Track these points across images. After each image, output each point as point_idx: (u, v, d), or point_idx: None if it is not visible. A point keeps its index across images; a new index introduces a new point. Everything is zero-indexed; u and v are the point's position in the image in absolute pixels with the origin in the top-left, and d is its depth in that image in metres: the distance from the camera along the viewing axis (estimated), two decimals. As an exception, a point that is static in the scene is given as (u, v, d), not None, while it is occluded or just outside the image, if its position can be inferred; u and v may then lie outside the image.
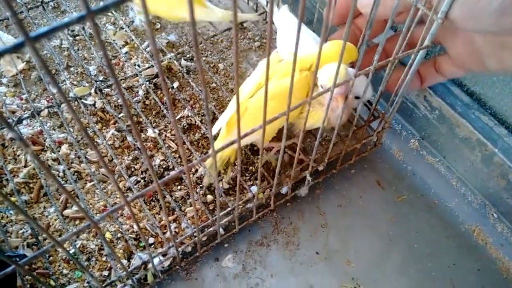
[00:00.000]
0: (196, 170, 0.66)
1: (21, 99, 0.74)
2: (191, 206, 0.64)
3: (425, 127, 0.75)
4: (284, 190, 0.64)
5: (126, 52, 0.81)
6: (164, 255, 0.57)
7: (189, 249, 0.59)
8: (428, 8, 0.48)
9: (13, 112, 0.72)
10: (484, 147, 0.65)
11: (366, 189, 0.72)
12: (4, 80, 0.76)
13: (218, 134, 0.59)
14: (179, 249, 0.55)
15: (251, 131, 0.39)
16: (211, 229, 0.57)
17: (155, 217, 0.61)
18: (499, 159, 0.63)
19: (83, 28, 0.83)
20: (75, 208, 0.62)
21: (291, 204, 0.68)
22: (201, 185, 0.64)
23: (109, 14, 0.87)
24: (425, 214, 0.69)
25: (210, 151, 0.37)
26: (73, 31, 0.84)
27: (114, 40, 0.81)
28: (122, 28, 0.83)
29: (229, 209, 0.60)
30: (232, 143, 0.39)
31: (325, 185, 0.70)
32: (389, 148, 0.76)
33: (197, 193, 0.64)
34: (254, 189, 0.64)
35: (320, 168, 0.64)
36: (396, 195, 0.71)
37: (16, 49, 0.20)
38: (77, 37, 0.83)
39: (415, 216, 0.69)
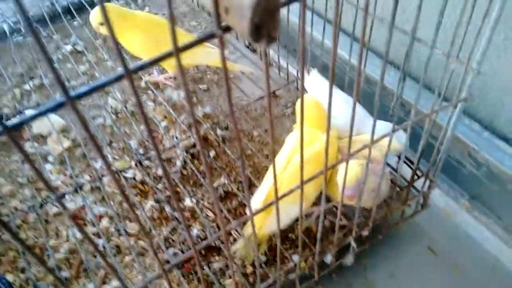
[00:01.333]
0: (235, 240, 0.63)
1: (65, 175, 0.77)
2: (230, 278, 0.61)
3: (474, 186, 0.71)
4: (328, 259, 0.60)
5: (165, 126, 0.84)
6: (203, 333, 0.53)
7: (230, 326, 0.56)
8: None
9: (57, 188, 0.74)
10: (544, 204, 0.59)
11: (417, 256, 0.66)
12: (50, 158, 0.80)
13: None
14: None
15: (289, 191, 0.38)
16: (252, 303, 0.54)
17: (193, 291, 0.59)
18: None
19: (125, 106, 0.88)
20: (113, 284, 0.61)
21: (337, 275, 0.64)
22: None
23: (149, 92, 0.92)
24: (487, 281, 0.63)
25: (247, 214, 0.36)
26: (115, 109, 0.89)
27: (154, 116, 0.85)
28: (161, 104, 0.87)
29: (270, 281, 0.57)
30: (270, 204, 0.38)
31: (372, 252, 0.65)
32: (438, 210, 0.72)
33: (235, 263, 0.61)
34: (295, 258, 0.60)
35: (365, 233, 0.60)
36: (452, 261, 0.65)
37: (58, 108, 0.20)
38: (119, 114, 0.88)
39: (475, 284, 0.62)
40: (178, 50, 0.21)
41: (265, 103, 0.89)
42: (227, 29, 0.23)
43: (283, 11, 0.90)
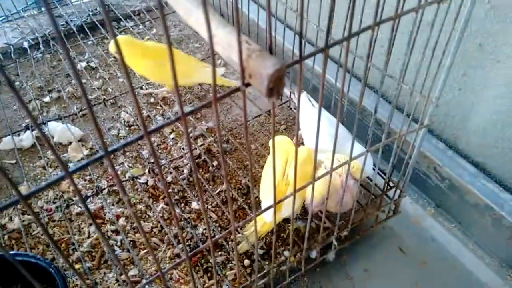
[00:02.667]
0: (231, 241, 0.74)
1: (85, 180, 0.87)
2: (230, 270, 0.72)
3: (438, 196, 0.83)
4: (313, 254, 0.72)
5: (173, 138, 0.95)
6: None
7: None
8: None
9: (79, 191, 0.84)
10: (492, 212, 0.72)
11: (389, 254, 0.78)
12: (71, 165, 0.91)
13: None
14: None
15: (284, 198, 0.49)
16: (249, 290, 0.65)
17: (199, 280, 0.70)
18: (507, 222, 0.70)
19: (137, 119, 0.99)
20: (131, 273, 0.71)
21: (320, 269, 0.75)
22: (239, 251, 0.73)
23: (158, 107, 1.03)
24: (447, 278, 0.74)
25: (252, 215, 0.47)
26: (128, 122, 1.00)
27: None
28: (169, 118, 0.98)
29: (264, 271, 0.68)
30: (270, 207, 0.49)
31: (351, 251, 0.77)
32: (408, 216, 0.84)
33: (238, 255, 0.72)
34: (286, 253, 0.72)
35: (345, 233, 0.72)
36: (419, 260, 0.77)
37: (97, 160, 0.31)
38: (131, 127, 0.99)
39: (438, 281, 0.74)
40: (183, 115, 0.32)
41: (262, 119, 1.01)
42: (248, 84, 0.35)
43: (279, 38, 1.02)
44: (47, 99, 1.07)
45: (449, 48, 0.55)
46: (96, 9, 1.36)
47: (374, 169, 0.74)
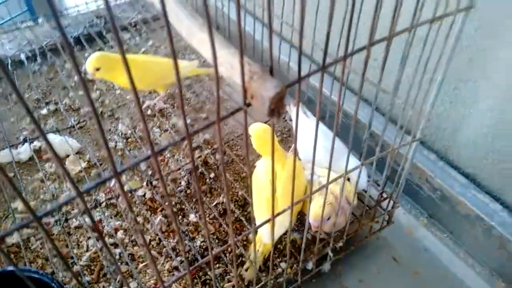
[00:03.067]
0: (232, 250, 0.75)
1: (83, 192, 0.88)
2: (228, 282, 0.73)
3: (430, 206, 0.85)
4: (309, 266, 0.73)
5: (170, 150, 0.96)
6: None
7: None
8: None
9: (77, 204, 0.85)
10: (482, 222, 0.74)
11: (383, 265, 0.80)
12: (68, 177, 0.91)
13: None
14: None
15: (283, 211, 0.51)
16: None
17: (198, 293, 0.70)
18: (497, 232, 0.72)
19: (134, 132, 1.00)
20: (130, 286, 0.72)
21: (316, 280, 0.76)
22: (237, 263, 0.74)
23: (155, 119, 1.04)
24: (440, 287, 0.76)
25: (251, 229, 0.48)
26: (125, 134, 1.01)
27: (160, 141, 0.97)
28: (166, 130, 1.00)
29: (262, 283, 0.69)
30: (268, 220, 0.51)
31: (346, 261, 0.78)
32: (401, 226, 0.86)
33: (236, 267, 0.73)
34: (283, 265, 0.73)
35: (340, 245, 0.73)
36: (412, 270, 0.79)
37: (105, 182, 0.32)
38: (129, 139, 1.00)
39: (430, 288, 0.76)
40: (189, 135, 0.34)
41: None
42: (249, 105, 0.37)
43: (275, 52, 1.04)
44: (44, 111, 1.07)
45: (441, 64, 0.57)
46: (93, 21, 1.37)
47: (368, 181, 0.76)
